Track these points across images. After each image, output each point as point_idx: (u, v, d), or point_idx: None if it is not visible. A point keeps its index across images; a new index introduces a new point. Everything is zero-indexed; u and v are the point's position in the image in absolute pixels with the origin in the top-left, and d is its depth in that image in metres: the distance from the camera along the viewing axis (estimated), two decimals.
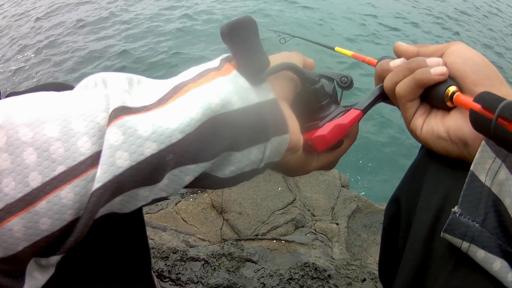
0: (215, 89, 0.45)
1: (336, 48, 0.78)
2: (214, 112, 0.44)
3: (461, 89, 0.51)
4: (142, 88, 0.45)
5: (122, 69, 5.77)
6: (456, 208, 0.47)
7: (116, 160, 0.38)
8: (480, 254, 0.46)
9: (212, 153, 0.45)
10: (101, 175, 0.37)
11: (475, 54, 0.51)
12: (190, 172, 0.45)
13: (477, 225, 0.46)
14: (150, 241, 1.44)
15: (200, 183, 0.49)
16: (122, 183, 0.39)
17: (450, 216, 0.47)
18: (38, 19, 7.57)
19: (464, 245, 0.46)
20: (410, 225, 0.56)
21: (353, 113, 0.57)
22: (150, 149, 0.40)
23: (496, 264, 0.45)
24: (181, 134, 0.41)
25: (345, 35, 7.19)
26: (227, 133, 0.45)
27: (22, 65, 6.20)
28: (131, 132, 0.39)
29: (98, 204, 0.38)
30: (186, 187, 0.47)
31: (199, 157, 0.44)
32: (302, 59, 0.59)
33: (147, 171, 0.40)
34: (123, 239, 0.70)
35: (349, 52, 0.73)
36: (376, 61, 0.63)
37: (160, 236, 1.52)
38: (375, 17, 8.14)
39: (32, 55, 6.41)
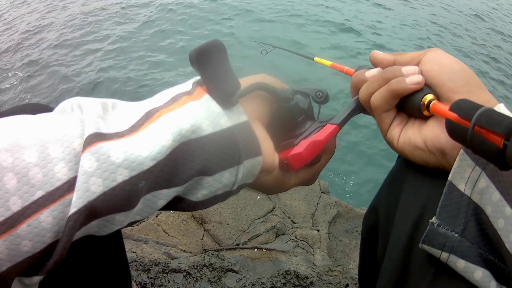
0: (186, 114, 0.45)
1: (316, 58, 0.76)
2: (184, 138, 0.44)
3: (438, 97, 0.49)
4: (117, 113, 0.46)
5: None
6: (434, 219, 0.47)
7: (90, 186, 0.39)
8: (460, 264, 0.46)
9: (183, 178, 0.45)
10: (76, 200, 0.38)
11: (453, 61, 0.50)
12: (162, 196, 0.45)
13: (456, 235, 0.46)
14: (132, 254, 1.42)
15: (173, 206, 0.49)
16: (96, 208, 0.40)
17: (428, 227, 0.47)
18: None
19: (443, 255, 0.46)
20: (389, 235, 0.56)
21: (329, 128, 0.56)
22: (122, 175, 0.41)
23: (478, 274, 0.45)
24: (152, 161, 0.42)
25: None
26: (198, 158, 0.45)
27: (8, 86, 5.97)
28: (104, 159, 0.40)
29: (74, 228, 0.39)
30: (160, 209, 0.48)
31: (171, 182, 0.45)
32: (274, 81, 0.58)
33: (121, 197, 0.41)
34: (100, 255, 0.69)
35: (328, 62, 0.72)
36: (353, 70, 0.61)
37: (142, 248, 1.50)
38: None
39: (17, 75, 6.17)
